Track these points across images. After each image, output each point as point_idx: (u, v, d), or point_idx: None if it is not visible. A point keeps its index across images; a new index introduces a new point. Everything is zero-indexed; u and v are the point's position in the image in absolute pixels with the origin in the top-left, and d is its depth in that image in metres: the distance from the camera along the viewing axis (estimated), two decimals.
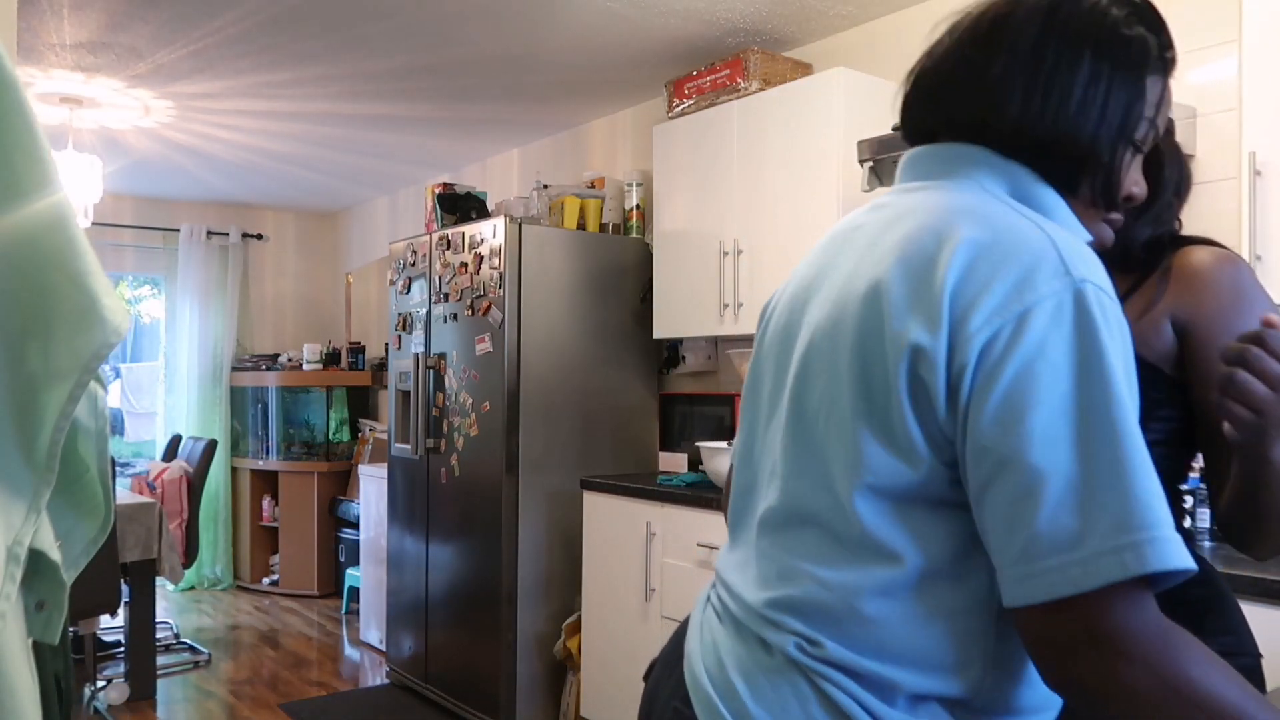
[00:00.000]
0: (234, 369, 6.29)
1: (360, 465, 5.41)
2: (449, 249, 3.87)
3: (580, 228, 3.91)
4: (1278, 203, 1.93)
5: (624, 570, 3.32)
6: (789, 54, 3.46)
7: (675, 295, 3.55)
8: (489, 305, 3.60)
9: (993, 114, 0.89)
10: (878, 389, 0.82)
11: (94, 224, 4.67)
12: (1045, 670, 0.76)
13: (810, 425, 0.89)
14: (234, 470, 6.25)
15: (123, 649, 4.34)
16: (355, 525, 5.42)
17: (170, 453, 5.28)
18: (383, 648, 4.53)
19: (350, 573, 5.44)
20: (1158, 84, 0.92)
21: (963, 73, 0.92)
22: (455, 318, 3.81)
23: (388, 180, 5.79)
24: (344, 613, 5.46)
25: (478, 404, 3.67)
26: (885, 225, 0.89)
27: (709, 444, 3.20)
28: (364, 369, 6.16)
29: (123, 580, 3.94)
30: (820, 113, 2.98)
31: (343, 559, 5.74)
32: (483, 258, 3.65)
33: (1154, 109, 0.92)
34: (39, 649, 0.72)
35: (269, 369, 6.11)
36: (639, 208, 3.97)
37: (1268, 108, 1.95)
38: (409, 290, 4.16)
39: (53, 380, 0.63)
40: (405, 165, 5.37)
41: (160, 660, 4.33)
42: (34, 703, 0.66)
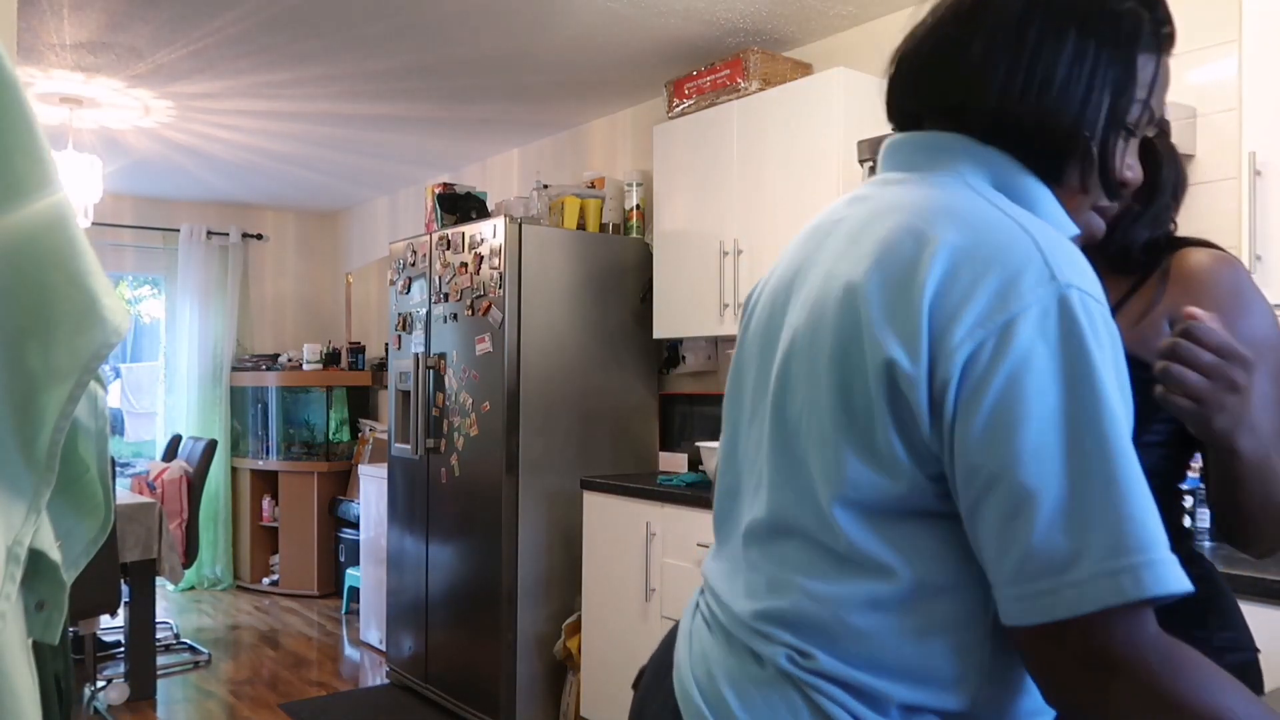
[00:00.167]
0: (234, 369, 6.29)
1: (360, 465, 5.41)
2: (449, 249, 3.87)
3: (580, 228, 3.91)
4: (1278, 203, 1.93)
5: (624, 570, 3.31)
6: (789, 54, 3.46)
7: (675, 295, 3.55)
8: (489, 305, 3.60)
9: (973, 97, 0.85)
10: (858, 403, 0.79)
11: (94, 224, 4.67)
12: (1043, 688, 0.75)
13: (792, 434, 0.86)
14: (234, 470, 6.25)
15: (123, 649, 4.34)
16: (355, 525, 5.41)
17: (170, 453, 5.28)
18: (383, 648, 4.53)
19: (350, 573, 5.44)
20: (1151, 62, 0.87)
21: (943, 53, 0.88)
22: (455, 318, 3.81)
23: (388, 180, 5.79)
24: (344, 613, 5.46)
25: (478, 404, 3.67)
26: (865, 221, 0.85)
27: (709, 444, 3.20)
28: (364, 369, 6.16)
29: (123, 580, 3.94)
30: (820, 113, 2.98)
31: (343, 559, 5.74)
32: (483, 258, 3.65)
33: (1147, 89, 0.87)
34: (39, 649, 0.72)
35: (269, 369, 6.11)
36: (639, 208, 3.97)
37: (1268, 108, 1.95)
38: (409, 290, 4.16)
39: (53, 380, 0.63)
40: (405, 165, 5.37)
41: (160, 660, 4.33)
42: (34, 703, 0.66)
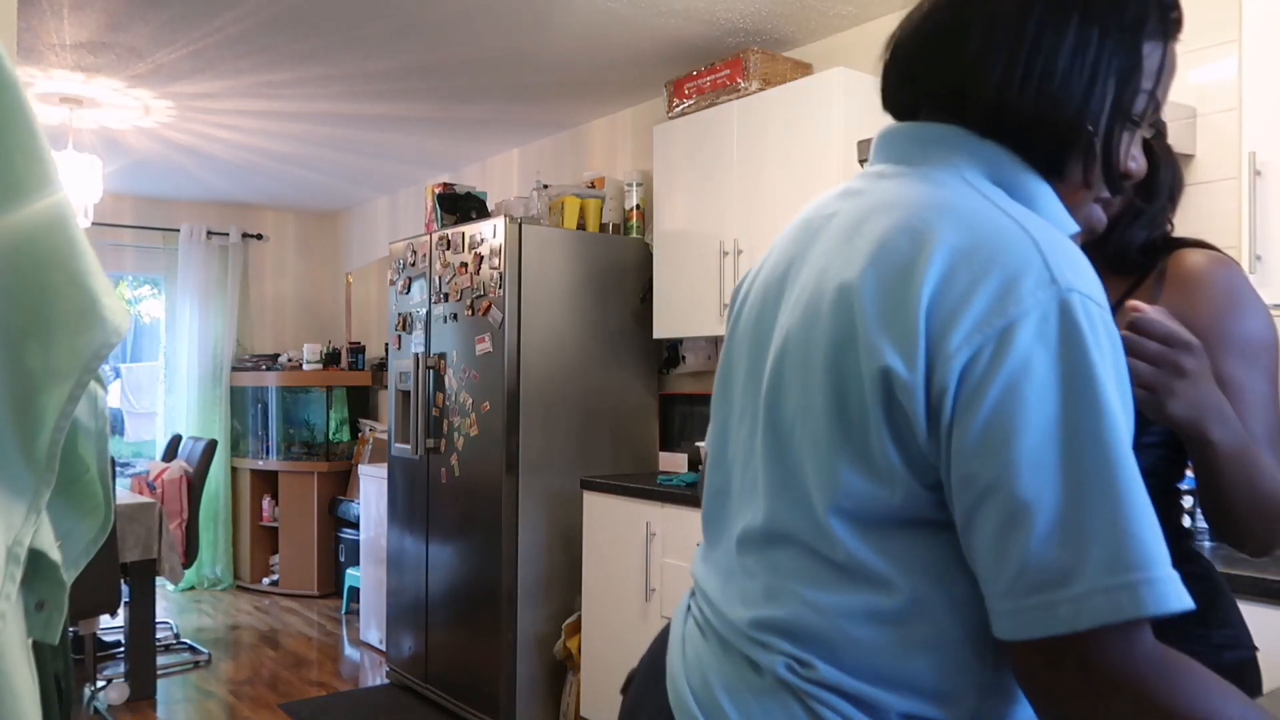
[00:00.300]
0: (234, 369, 6.29)
1: (360, 465, 5.41)
2: (449, 249, 3.87)
3: (580, 228, 3.91)
4: (1278, 203, 1.93)
5: (624, 570, 3.31)
6: (789, 54, 3.46)
7: (675, 295, 3.55)
8: (489, 305, 3.60)
9: (971, 87, 0.82)
10: (853, 410, 0.77)
11: (94, 224, 4.67)
12: (1036, 703, 0.74)
13: (786, 440, 0.83)
14: (234, 470, 6.25)
15: (123, 649, 4.34)
16: (355, 525, 5.41)
17: (170, 453, 5.28)
18: (383, 648, 4.53)
19: (350, 573, 5.44)
20: (1157, 50, 0.83)
21: (940, 40, 0.85)
22: (455, 318, 3.81)
23: (388, 180, 5.79)
24: (344, 613, 5.46)
25: (478, 404, 3.67)
26: (859, 218, 0.82)
27: None
28: (364, 369, 6.16)
29: (123, 580, 3.94)
30: (820, 113, 2.98)
31: (343, 559, 5.74)
32: (483, 258, 3.65)
33: (1153, 79, 0.83)
34: (39, 649, 0.72)
35: (269, 369, 6.11)
36: (639, 208, 3.97)
37: (1268, 108, 1.95)
38: (409, 290, 4.16)
39: (53, 380, 0.63)
40: (405, 165, 5.37)
41: (160, 660, 4.33)
42: (34, 703, 0.66)
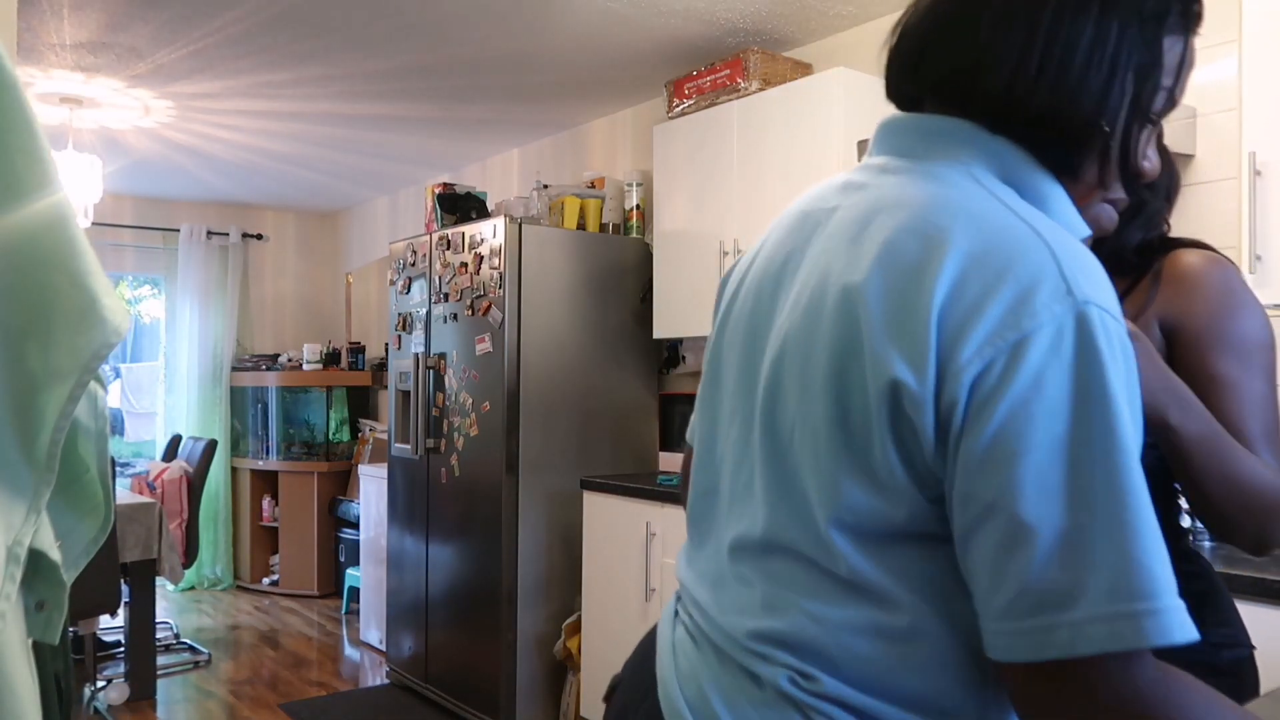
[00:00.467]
0: (234, 369, 6.29)
1: (360, 465, 5.41)
2: (449, 249, 3.87)
3: (580, 228, 3.91)
4: (1278, 203, 1.93)
5: (624, 570, 3.32)
6: (789, 54, 3.46)
7: (675, 295, 3.55)
8: (489, 305, 3.60)
9: (981, 79, 0.78)
10: (856, 422, 0.73)
11: (94, 224, 4.67)
12: None
13: (784, 447, 0.80)
14: (234, 470, 6.25)
15: (123, 649, 4.34)
16: (355, 525, 5.41)
17: (170, 453, 5.28)
18: (383, 648, 4.53)
19: (350, 573, 5.44)
20: (1178, 45, 0.80)
21: (949, 27, 0.81)
22: (455, 318, 3.81)
23: (388, 180, 5.79)
24: (344, 613, 5.46)
25: (478, 404, 3.67)
26: (864, 215, 0.79)
27: None
28: (364, 369, 6.16)
29: (123, 580, 3.94)
30: (820, 113, 2.98)
31: (343, 559, 5.74)
32: (483, 258, 3.65)
33: (1173, 76, 0.80)
34: (39, 649, 0.72)
35: (269, 369, 6.11)
36: (639, 208, 3.97)
37: (1268, 108, 1.95)
38: (409, 290, 4.16)
39: (53, 380, 0.63)
40: (405, 165, 5.37)
41: (160, 660, 4.33)
42: (34, 703, 0.66)
